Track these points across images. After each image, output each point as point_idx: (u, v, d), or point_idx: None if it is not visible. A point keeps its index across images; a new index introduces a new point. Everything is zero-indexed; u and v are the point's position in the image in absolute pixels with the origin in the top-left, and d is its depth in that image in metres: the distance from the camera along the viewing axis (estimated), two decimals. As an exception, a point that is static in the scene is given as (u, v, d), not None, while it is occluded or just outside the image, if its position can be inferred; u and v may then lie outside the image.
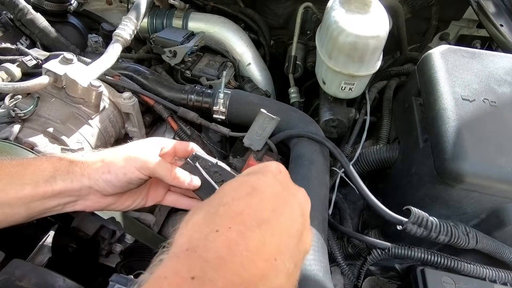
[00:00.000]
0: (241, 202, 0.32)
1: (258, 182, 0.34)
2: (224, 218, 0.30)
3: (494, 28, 0.85)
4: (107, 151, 0.49)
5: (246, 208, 0.31)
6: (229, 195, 0.33)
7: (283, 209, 0.33)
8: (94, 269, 0.57)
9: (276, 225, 0.31)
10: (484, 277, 0.57)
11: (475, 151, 0.53)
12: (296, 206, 0.34)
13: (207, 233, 0.29)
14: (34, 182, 0.43)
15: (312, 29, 1.12)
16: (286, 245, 0.31)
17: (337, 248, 0.69)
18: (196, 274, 0.26)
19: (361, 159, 0.76)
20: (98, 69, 0.69)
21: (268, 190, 0.33)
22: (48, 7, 0.97)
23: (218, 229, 0.29)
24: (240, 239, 0.28)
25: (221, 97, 0.78)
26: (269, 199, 0.33)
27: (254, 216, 0.30)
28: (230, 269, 0.27)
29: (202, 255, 0.27)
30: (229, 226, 0.29)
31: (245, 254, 0.28)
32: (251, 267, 0.27)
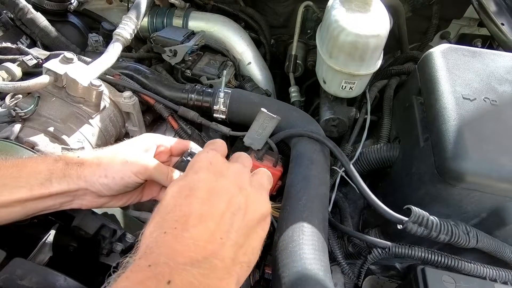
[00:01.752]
0: (183, 206, 0.36)
1: (193, 181, 0.38)
2: (170, 222, 0.34)
3: (495, 27, 0.85)
4: (103, 152, 0.49)
5: (187, 209, 0.35)
6: (172, 203, 0.36)
7: (220, 196, 0.37)
8: (95, 268, 0.57)
9: (216, 213, 0.35)
10: (485, 276, 0.57)
11: (476, 150, 0.53)
12: (232, 187, 0.38)
13: (156, 236, 0.33)
14: (30, 185, 0.43)
15: (313, 28, 1.11)
16: (230, 224, 0.36)
17: (337, 247, 0.69)
18: (152, 262, 0.31)
19: (361, 158, 0.76)
20: (99, 68, 0.69)
21: (203, 186, 0.37)
22: (49, 6, 0.97)
23: (165, 231, 0.33)
24: (185, 233, 0.33)
25: (222, 96, 0.78)
26: (205, 194, 0.37)
27: (194, 214, 0.35)
28: (179, 254, 0.32)
29: (155, 251, 0.32)
30: (174, 227, 0.34)
31: (191, 242, 0.33)
32: (198, 249, 0.32)
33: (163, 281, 0.29)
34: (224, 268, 0.33)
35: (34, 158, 0.47)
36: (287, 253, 0.50)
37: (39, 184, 0.44)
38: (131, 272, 0.31)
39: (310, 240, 0.51)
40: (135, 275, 0.30)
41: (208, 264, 0.32)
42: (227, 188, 0.38)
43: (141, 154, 0.49)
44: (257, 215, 0.39)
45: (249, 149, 0.74)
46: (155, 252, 0.32)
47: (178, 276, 0.30)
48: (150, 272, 0.30)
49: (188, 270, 0.31)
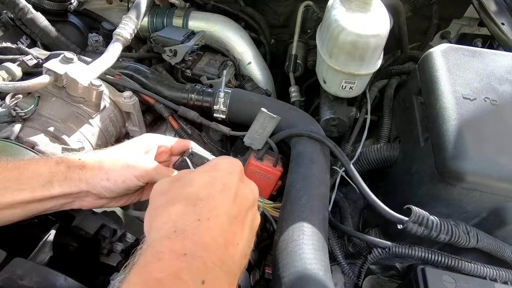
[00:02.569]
0: (215, 198, 0.37)
1: (226, 180, 0.39)
2: (203, 211, 0.35)
3: (495, 27, 0.85)
4: (105, 154, 0.49)
5: (221, 204, 0.36)
6: (203, 191, 0.37)
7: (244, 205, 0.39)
8: (95, 268, 0.57)
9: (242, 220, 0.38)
10: (485, 276, 0.57)
11: (476, 150, 0.53)
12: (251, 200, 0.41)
13: (191, 221, 0.34)
14: (31, 187, 0.44)
15: (313, 28, 1.11)
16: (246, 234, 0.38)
17: (337, 247, 0.69)
18: (188, 252, 0.31)
19: (361, 158, 0.76)
20: (99, 68, 0.69)
21: (234, 188, 0.39)
22: (49, 6, 0.97)
23: (199, 219, 0.34)
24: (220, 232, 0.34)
25: (222, 96, 0.78)
26: (235, 196, 0.38)
27: (227, 213, 0.36)
28: (211, 250, 0.32)
29: (190, 237, 0.32)
30: (207, 217, 0.34)
31: (221, 240, 0.34)
32: (224, 249, 0.34)
33: (199, 279, 0.29)
34: (233, 273, 0.34)
35: (36, 160, 0.47)
36: (287, 253, 0.50)
37: (41, 186, 0.44)
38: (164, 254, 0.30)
39: (310, 240, 0.51)
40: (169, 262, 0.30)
41: (228, 267, 0.33)
42: (249, 199, 0.40)
43: (142, 157, 0.50)
44: (255, 231, 0.42)
45: (249, 149, 0.74)
46: (190, 238, 0.32)
47: (211, 275, 0.31)
48: (187, 264, 0.30)
49: (217, 271, 0.32)
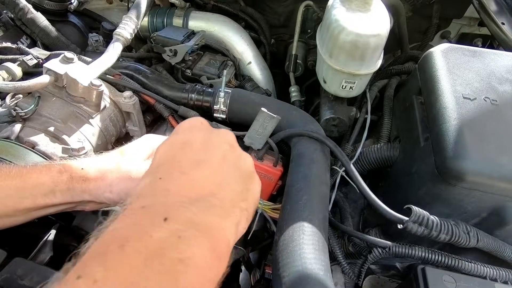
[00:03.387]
0: (177, 155, 0.35)
1: (185, 137, 0.38)
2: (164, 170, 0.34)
3: (495, 26, 0.85)
4: (106, 163, 0.49)
5: (183, 157, 0.35)
6: (164, 156, 0.36)
7: (214, 149, 0.37)
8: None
9: (212, 161, 0.36)
10: (485, 276, 0.57)
11: (476, 149, 0.53)
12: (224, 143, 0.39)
13: (150, 182, 0.33)
14: (33, 196, 0.44)
15: (313, 28, 1.11)
16: (226, 171, 0.36)
17: (337, 246, 0.69)
18: (146, 204, 0.29)
19: (361, 158, 0.76)
20: (99, 68, 0.69)
21: (197, 140, 0.38)
22: (49, 6, 0.97)
23: (160, 177, 0.33)
24: (183, 176, 0.33)
25: (222, 96, 0.78)
26: (200, 145, 0.37)
27: (191, 161, 0.35)
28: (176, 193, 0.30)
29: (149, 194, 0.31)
30: (170, 172, 0.33)
31: (188, 182, 0.32)
32: (195, 189, 0.32)
33: (159, 218, 0.28)
34: (222, 208, 0.32)
35: (39, 169, 0.46)
36: (287, 252, 0.50)
37: (43, 195, 0.44)
38: (124, 215, 0.29)
39: (311, 240, 0.51)
40: (128, 218, 0.29)
41: (207, 203, 0.31)
42: (220, 142, 0.39)
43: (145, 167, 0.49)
44: (250, 168, 0.40)
45: (249, 148, 0.74)
46: (149, 195, 0.31)
47: (176, 212, 0.29)
48: (144, 213, 0.29)
49: (186, 207, 0.29)
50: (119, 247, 0.26)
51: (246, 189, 0.37)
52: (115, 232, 0.27)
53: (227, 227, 0.32)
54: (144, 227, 0.27)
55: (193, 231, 0.28)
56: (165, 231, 0.27)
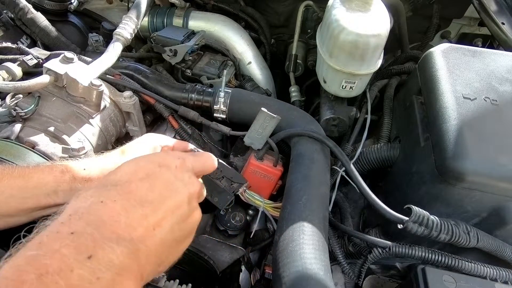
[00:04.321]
0: (132, 184, 0.35)
1: (153, 170, 0.38)
2: (112, 194, 0.33)
3: (495, 26, 0.85)
4: (109, 162, 0.49)
5: (135, 189, 0.34)
6: (124, 178, 0.36)
7: (170, 195, 0.37)
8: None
9: (159, 206, 0.35)
10: (485, 276, 0.57)
11: (476, 149, 0.53)
12: (184, 194, 0.38)
13: (91, 202, 0.32)
14: (36, 196, 0.44)
15: (313, 28, 1.11)
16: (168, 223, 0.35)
17: (338, 246, 0.69)
18: (76, 230, 0.29)
19: (361, 158, 0.76)
20: (99, 68, 0.69)
21: (160, 179, 0.37)
22: (49, 6, 0.97)
23: (103, 200, 0.32)
24: (122, 211, 0.32)
25: (222, 96, 0.78)
26: (159, 186, 0.36)
27: (140, 197, 0.34)
28: (108, 227, 0.30)
29: (84, 217, 0.30)
30: (114, 200, 0.32)
31: (125, 219, 0.31)
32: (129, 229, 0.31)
33: (84, 255, 0.27)
34: (146, 256, 0.32)
35: (41, 169, 0.47)
36: (287, 252, 0.50)
37: (46, 196, 0.45)
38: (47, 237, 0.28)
39: (311, 240, 0.51)
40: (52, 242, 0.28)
41: (134, 247, 0.31)
42: (180, 192, 0.38)
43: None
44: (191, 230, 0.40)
45: (250, 148, 0.74)
46: (83, 219, 0.30)
47: (101, 251, 0.28)
48: (71, 241, 0.28)
49: (112, 247, 0.29)
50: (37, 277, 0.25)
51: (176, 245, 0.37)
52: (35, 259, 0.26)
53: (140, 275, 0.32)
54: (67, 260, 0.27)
55: (111, 274, 0.28)
56: (86, 269, 0.27)
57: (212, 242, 0.70)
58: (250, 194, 0.70)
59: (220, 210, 0.74)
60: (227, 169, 0.62)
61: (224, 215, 0.74)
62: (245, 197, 0.70)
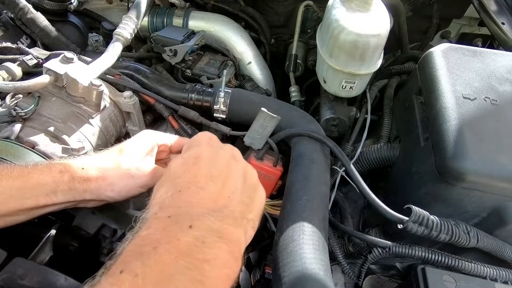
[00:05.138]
0: (191, 170, 0.39)
1: (196, 152, 0.42)
2: (182, 184, 0.38)
3: (495, 26, 0.85)
4: (107, 162, 0.49)
5: (197, 172, 0.39)
6: (180, 170, 0.40)
7: (222, 164, 0.42)
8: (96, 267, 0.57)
9: (223, 176, 0.40)
10: (485, 276, 0.57)
11: (476, 149, 0.53)
12: (230, 158, 0.44)
13: (171, 195, 0.36)
14: (35, 196, 0.44)
15: (313, 28, 1.11)
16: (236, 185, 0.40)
17: (337, 246, 0.69)
18: (171, 214, 0.34)
19: (361, 158, 0.76)
20: (99, 68, 0.69)
21: (206, 155, 0.42)
22: (49, 6, 0.97)
23: (180, 190, 0.37)
24: (200, 190, 0.37)
25: (222, 96, 0.78)
26: (210, 161, 0.41)
27: (205, 175, 0.39)
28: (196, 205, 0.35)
29: (172, 205, 0.35)
30: (188, 186, 0.37)
31: (206, 196, 0.36)
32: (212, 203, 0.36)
33: (185, 226, 0.32)
34: (234, 219, 0.37)
35: (40, 168, 0.47)
36: (287, 252, 0.50)
37: (45, 195, 0.45)
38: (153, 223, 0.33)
39: (311, 240, 0.51)
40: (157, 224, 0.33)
41: (222, 213, 0.36)
42: (226, 158, 0.43)
43: (144, 164, 0.50)
44: (254, 180, 0.44)
45: (250, 148, 0.74)
46: (173, 206, 0.35)
47: (198, 221, 0.33)
48: (171, 221, 0.33)
49: (206, 217, 0.34)
50: (152, 248, 0.30)
51: (251, 200, 0.41)
52: (147, 236, 0.32)
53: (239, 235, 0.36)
54: (172, 233, 0.32)
55: (213, 237, 0.33)
56: (190, 236, 0.32)
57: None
58: None
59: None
60: None
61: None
62: None
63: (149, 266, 0.29)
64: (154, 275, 0.28)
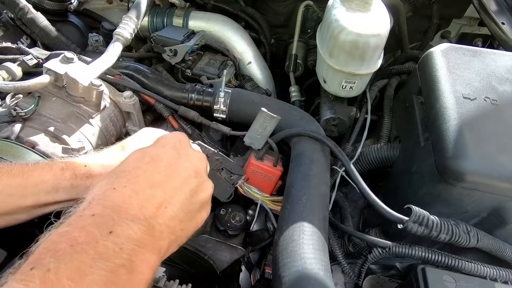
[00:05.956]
0: (139, 169, 0.37)
1: (157, 152, 0.40)
2: (122, 181, 0.36)
3: (495, 26, 0.85)
4: (108, 158, 0.49)
5: (142, 173, 0.37)
6: (131, 164, 0.38)
7: (176, 173, 0.39)
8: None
9: (168, 186, 0.38)
10: (485, 276, 0.57)
11: (476, 149, 0.53)
12: (190, 169, 0.41)
13: (105, 190, 0.35)
14: (36, 194, 0.44)
15: (313, 28, 1.11)
16: (177, 199, 0.38)
17: (338, 246, 0.69)
18: (96, 213, 0.32)
19: (361, 158, 0.76)
20: (99, 68, 0.69)
21: (165, 159, 0.40)
22: (49, 6, 0.97)
23: (115, 187, 0.35)
24: (133, 194, 0.35)
25: (222, 96, 0.78)
26: (165, 166, 0.39)
27: (148, 180, 0.37)
28: (123, 210, 0.33)
29: (100, 202, 0.34)
30: (124, 185, 0.35)
31: (136, 203, 0.34)
32: (142, 211, 0.34)
33: (106, 231, 0.31)
34: (160, 231, 0.35)
35: (41, 166, 0.46)
36: (287, 252, 0.50)
37: (46, 193, 0.44)
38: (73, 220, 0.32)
39: (311, 240, 0.51)
40: (77, 222, 0.32)
41: (148, 224, 0.34)
42: (186, 168, 0.41)
43: None
44: (204, 199, 0.42)
45: (250, 148, 0.74)
46: (100, 204, 0.34)
47: (119, 228, 0.32)
48: (93, 221, 0.32)
49: (129, 225, 0.33)
50: (69, 246, 0.29)
51: (190, 218, 0.40)
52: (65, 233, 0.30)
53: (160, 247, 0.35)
54: (92, 234, 0.31)
55: (132, 245, 0.32)
56: (110, 241, 0.31)
57: (212, 242, 0.70)
58: (249, 187, 0.70)
59: (220, 210, 0.74)
60: (227, 161, 0.63)
61: (224, 215, 0.74)
62: (244, 189, 0.70)
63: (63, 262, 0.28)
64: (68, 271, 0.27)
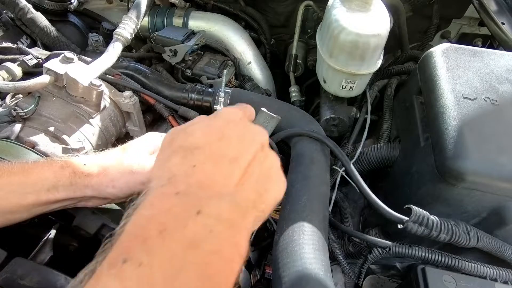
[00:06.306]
0: (213, 145, 0.36)
1: (225, 127, 0.39)
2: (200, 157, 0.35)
3: (495, 26, 0.85)
4: (109, 159, 0.49)
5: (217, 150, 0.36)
6: (203, 140, 0.37)
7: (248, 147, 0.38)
8: (95, 267, 0.57)
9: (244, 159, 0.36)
10: (485, 276, 0.57)
11: (476, 149, 0.53)
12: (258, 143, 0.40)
13: (186, 168, 0.33)
14: (36, 192, 0.44)
15: (313, 28, 1.11)
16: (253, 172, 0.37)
17: (337, 246, 0.69)
18: (180, 191, 0.31)
19: (361, 158, 0.76)
20: (99, 68, 0.69)
21: (234, 134, 0.38)
22: (49, 6, 0.97)
23: (195, 165, 0.34)
24: (216, 170, 0.34)
25: (222, 96, 0.78)
26: (236, 142, 0.38)
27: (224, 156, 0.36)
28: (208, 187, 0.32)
29: (183, 180, 0.32)
30: (204, 162, 0.34)
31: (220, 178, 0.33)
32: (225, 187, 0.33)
33: (193, 211, 0.29)
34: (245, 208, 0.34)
35: (41, 164, 0.47)
36: (287, 252, 0.50)
37: (46, 191, 0.44)
38: (156, 198, 0.30)
39: (311, 240, 0.51)
40: (161, 202, 0.30)
41: (234, 201, 0.32)
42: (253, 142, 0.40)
43: (147, 162, 0.50)
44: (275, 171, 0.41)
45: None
46: (183, 181, 0.32)
47: (207, 207, 0.30)
48: (178, 200, 0.30)
49: (216, 202, 0.31)
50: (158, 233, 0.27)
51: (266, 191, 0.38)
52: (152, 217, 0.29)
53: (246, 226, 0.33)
54: (179, 217, 0.29)
55: (221, 226, 0.30)
56: (198, 224, 0.29)
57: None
58: None
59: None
60: None
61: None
62: None
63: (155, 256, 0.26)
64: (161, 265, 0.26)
